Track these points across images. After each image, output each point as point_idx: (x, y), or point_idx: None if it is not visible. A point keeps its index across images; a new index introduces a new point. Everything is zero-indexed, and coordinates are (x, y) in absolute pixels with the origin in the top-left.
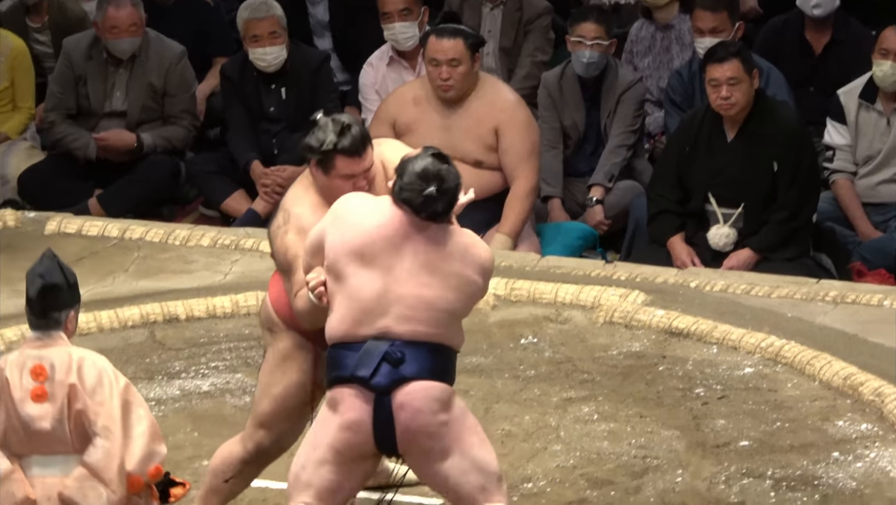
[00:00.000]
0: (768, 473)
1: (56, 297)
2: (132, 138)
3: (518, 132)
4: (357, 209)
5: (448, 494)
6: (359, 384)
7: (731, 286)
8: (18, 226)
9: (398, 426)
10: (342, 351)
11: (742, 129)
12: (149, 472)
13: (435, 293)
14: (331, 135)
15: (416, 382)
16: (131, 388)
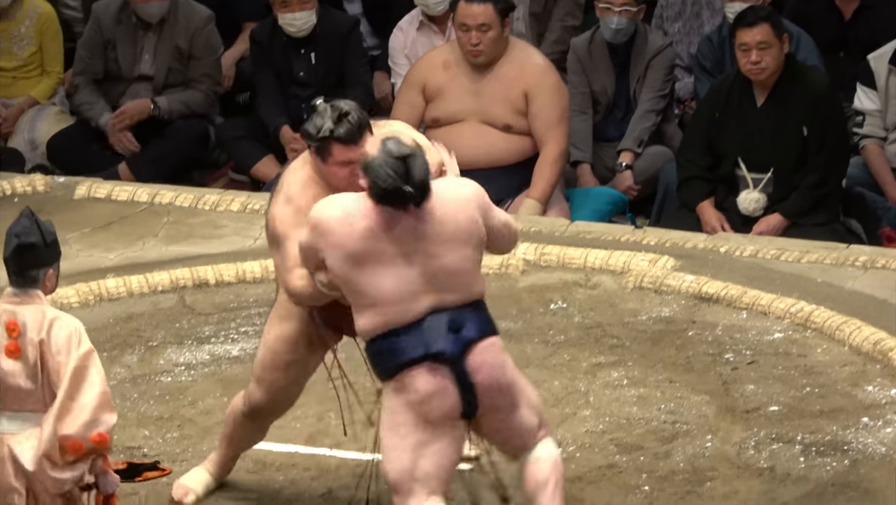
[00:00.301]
0: (798, 438)
1: (32, 256)
2: (147, 105)
3: (548, 97)
4: (339, 218)
5: (509, 442)
6: (430, 361)
7: (761, 251)
8: (48, 191)
9: (479, 389)
10: (393, 339)
11: (772, 93)
12: (91, 438)
13: (452, 258)
14: (328, 122)
15: (481, 343)
16: (93, 356)
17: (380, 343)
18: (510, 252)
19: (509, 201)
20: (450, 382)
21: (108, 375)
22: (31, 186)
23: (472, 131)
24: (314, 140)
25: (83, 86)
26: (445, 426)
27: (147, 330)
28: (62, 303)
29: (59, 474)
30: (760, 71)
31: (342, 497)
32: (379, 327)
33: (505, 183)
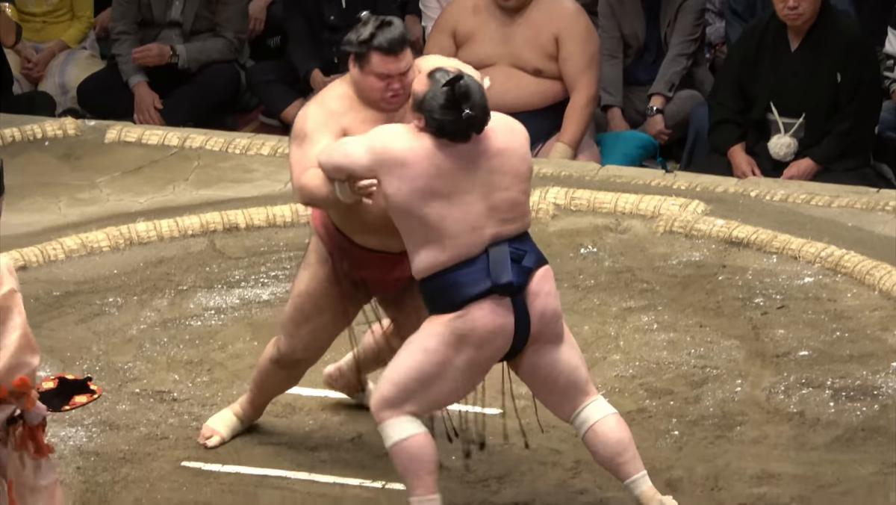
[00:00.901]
0: (827, 382)
1: None
2: (167, 52)
3: (578, 41)
4: (408, 152)
5: (560, 383)
6: (497, 293)
7: (792, 196)
8: (79, 134)
9: (534, 316)
10: (457, 272)
11: (806, 38)
12: (13, 382)
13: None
14: (370, 29)
15: (538, 270)
16: (15, 296)
17: (442, 278)
18: None
19: (540, 145)
20: (511, 319)
21: (138, 319)
22: (61, 130)
23: (502, 76)
24: (354, 46)
25: (123, 37)
26: (480, 369)
27: (177, 274)
28: (92, 246)
29: None
30: (797, 16)
31: (372, 442)
32: (442, 263)
33: (535, 127)
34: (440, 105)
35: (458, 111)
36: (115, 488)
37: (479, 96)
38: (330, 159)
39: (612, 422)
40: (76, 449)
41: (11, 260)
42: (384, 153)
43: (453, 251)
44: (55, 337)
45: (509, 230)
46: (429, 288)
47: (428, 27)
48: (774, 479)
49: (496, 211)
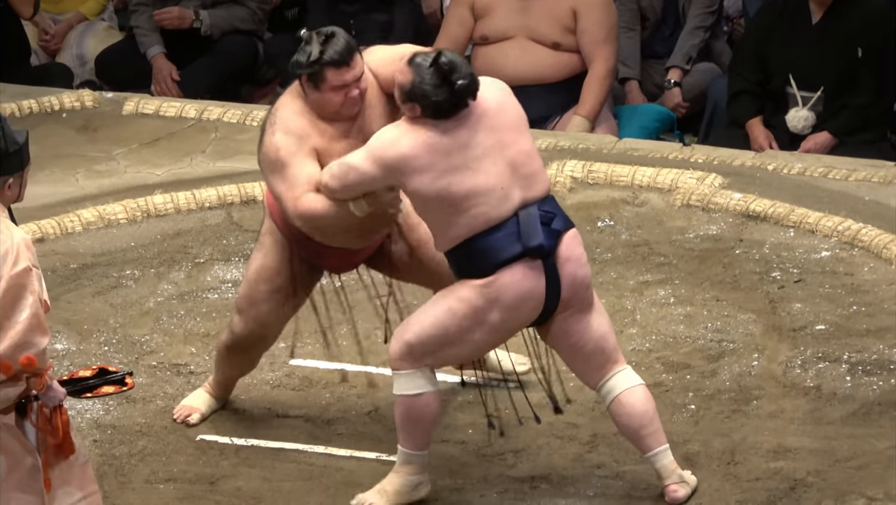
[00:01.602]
0: (844, 357)
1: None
2: (190, 15)
3: (596, 13)
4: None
5: (588, 350)
6: (528, 256)
7: (809, 169)
8: (96, 106)
9: (565, 280)
10: (487, 238)
11: (828, 11)
12: (20, 360)
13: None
14: (316, 47)
15: (567, 234)
16: (30, 274)
17: (472, 245)
18: None
19: (557, 118)
20: (542, 283)
21: (155, 291)
22: (79, 102)
23: (519, 48)
24: (305, 68)
25: (142, 8)
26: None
27: (194, 246)
28: (109, 219)
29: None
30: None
31: (388, 415)
32: (475, 230)
33: (553, 100)
34: (433, 85)
35: (450, 84)
36: (132, 461)
37: (463, 65)
38: (343, 182)
39: (638, 393)
40: (93, 422)
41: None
42: (392, 159)
43: (485, 217)
44: (72, 309)
45: (535, 193)
46: (458, 256)
47: (446, 1)
48: (791, 453)
49: (517, 167)
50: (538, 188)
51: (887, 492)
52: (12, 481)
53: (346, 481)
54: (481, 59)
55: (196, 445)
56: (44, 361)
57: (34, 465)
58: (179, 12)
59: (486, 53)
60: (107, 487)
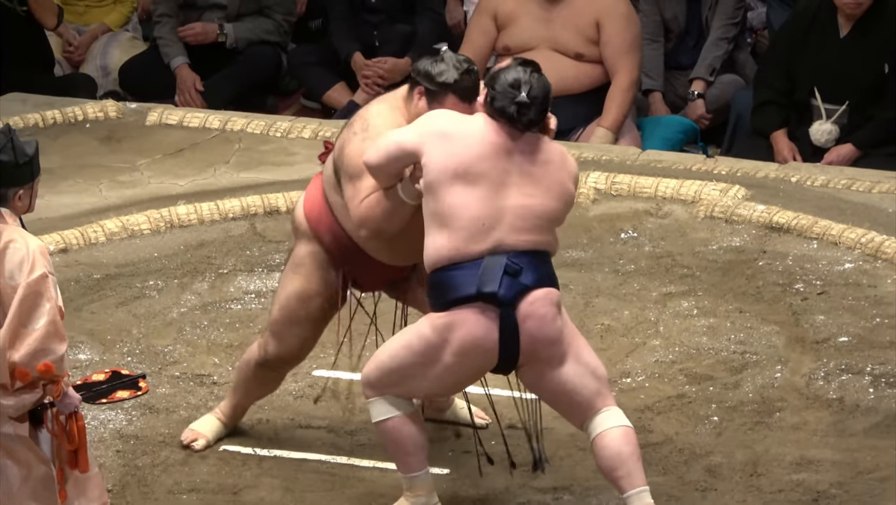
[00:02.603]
0: (867, 369)
1: (1, 173)
2: (214, 29)
3: (619, 25)
4: (455, 127)
5: (564, 401)
6: (483, 301)
7: (832, 181)
8: (120, 116)
9: (524, 336)
10: (452, 272)
11: (856, 26)
12: (38, 367)
13: (539, 202)
14: (453, 71)
15: (536, 291)
16: (46, 282)
17: (440, 275)
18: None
19: (580, 130)
20: (494, 332)
21: (178, 302)
22: (102, 112)
23: (543, 59)
24: (434, 84)
25: (165, 20)
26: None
27: (218, 257)
28: (133, 229)
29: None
30: (857, 6)
31: None
32: (444, 255)
33: (576, 111)
34: (507, 80)
35: (517, 91)
36: (155, 472)
37: (541, 91)
38: (382, 152)
39: (612, 435)
40: (116, 432)
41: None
42: (430, 127)
43: (456, 243)
44: (96, 320)
45: (517, 242)
46: (430, 283)
47: (469, 10)
48: (813, 465)
49: (510, 215)
50: (522, 239)
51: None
52: (26, 491)
53: (368, 492)
54: None
55: (219, 455)
56: (61, 367)
57: (48, 474)
58: (203, 28)
59: None
60: (129, 497)
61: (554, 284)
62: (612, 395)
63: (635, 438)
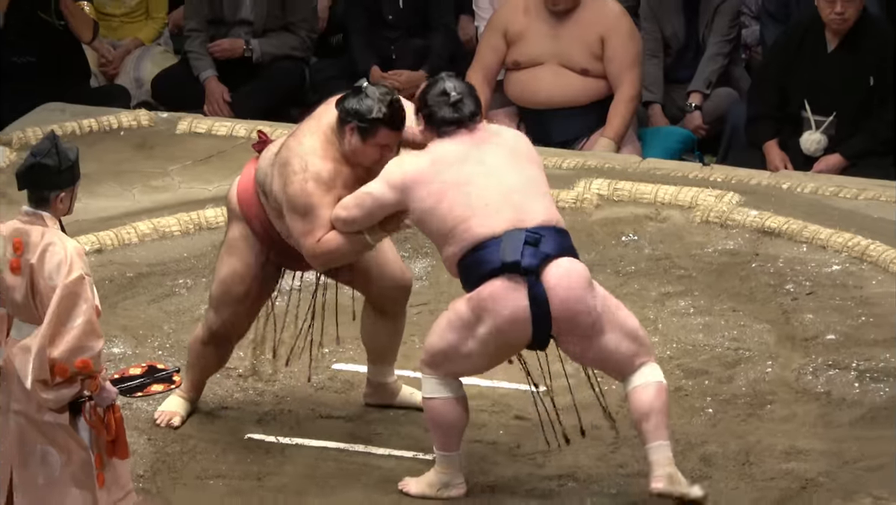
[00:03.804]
0: (853, 365)
1: (43, 177)
2: (241, 45)
3: (622, 41)
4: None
5: (606, 365)
6: (509, 272)
7: (821, 188)
8: (152, 125)
9: (553, 302)
10: (476, 253)
11: (843, 41)
12: (76, 363)
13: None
14: (380, 105)
15: (560, 259)
16: (83, 283)
17: (466, 259)
18: None
19: (585, 139)
20: (523, 301)
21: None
22: (135, 121)
23: (550, 74)
24: (365, 121)
25: (195, 34)
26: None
27: None
28: (164, 231)
29: (50, 394)
30: (843, 21)
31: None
32: (466, 246)
33: (581, 122)
34: (435, 92)
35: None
36: (184, 459)
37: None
38: (361, 211)
39: (647, 390)
40: (148, 421)
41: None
42: (400, 178)
43: (473, 234)
44: (128, 316)
45: (528, 219)
46: (460, 271)
47: (480, 27)
48: (802, 455)
49: (511, 193)
50: (533, 216)
51: (893, 492)
52: (66, 476)
53: (384, 478)
54: (514, 83)
55: (244, 443)
56: (98, 363)
57: (87, 460)
58: (230, 44)
59: (518, 78)
60: (160, 482)
61: (575, 253)
62: (650, 350)
63: (666, 395)
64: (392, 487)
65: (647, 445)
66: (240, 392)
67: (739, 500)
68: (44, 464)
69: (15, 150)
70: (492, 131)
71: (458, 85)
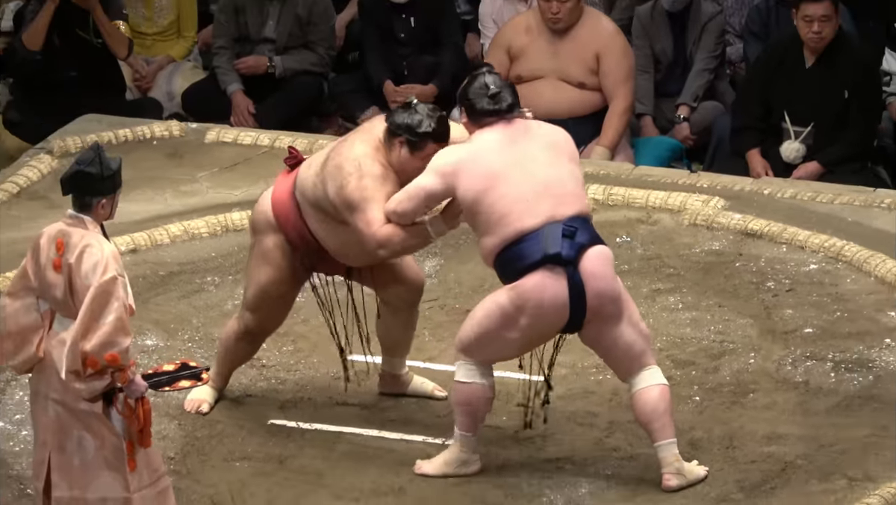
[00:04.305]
0: (829, 356)
1: (86, 184)
2: (265, 62)
3: (616, 57)
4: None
5: (616, 355)
6: (549, 263)
7: (799, 194)
8: (182, 135)
9: (589, 291)
10: (516, 247)
11: (820, 58)
12: (105, 357)
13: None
14: (430, 121)
15: (593, 248)
16: (117, 283)
17: (506, 253)
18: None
19: (581, 148)
20: (563, 290)
21: (232, 295)
22: (167, 131)
23: (550, 87)
24: (415, 135)
25: (222, 51)
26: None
27: None
28: (193, 233)
29: (82, 385)
30: (820, 40)
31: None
32: (506, 239)
33: (578, 132)
34: (473, 86)
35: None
36: (212, 442)
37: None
38: (412, 203)
39: (653, 392)
40: (178, 408)
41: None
42: (446, 166)
43: (513, 227)
44: (161, 311)
45: (564, 212)
46: (498, 263)
47: (486, 44)
48: (782, 439)
49: (549, 185)
50: (567, 208)
51: (865, 473)
52: (99, 459)
53: (396, 461)
54: None
55: (267, 428)
56: (126, 358)
57: (118, 446)
58: (255, 61)
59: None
60: (189, 464)
61: (602, 241)
62: (653, 354)
63: (669, 396)
64: (403, 468)
65: (655, 443)
66: (263, 381)
67: (724, 480)
68: (79, 448)
69: (56, 158)
70: (531, 124)
71: (497, 79)
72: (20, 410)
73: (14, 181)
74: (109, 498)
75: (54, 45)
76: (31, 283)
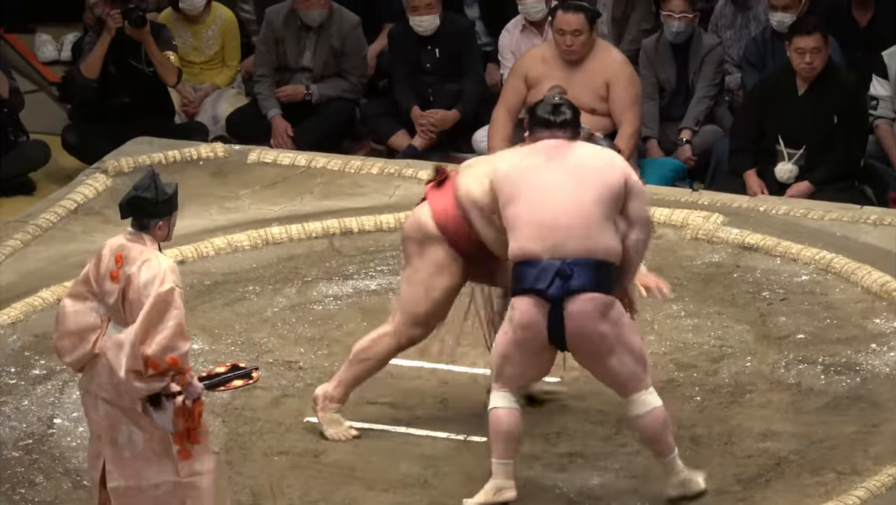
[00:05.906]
0: (819, 360)
1: (142, 207)
2: (302, 90)
3: (624, 85)
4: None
5: (606, 381)
6: (536, 295)
7: (792, 210)
8: (226, 156)
9: (568, 330)
10: (523, 268)
11: (811, 87)
12: (166, 360)
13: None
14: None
15: (581, 295)
16: (174, 293)
17: (514, 269)
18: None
19: None
20: (543, 318)
21: (272, 303)
22: (213, 153)
23: None
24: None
25: (263, 79)
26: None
27: (303, 268)
28: (236, 246)
29: (142, 384)
30: (811, 69)
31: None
32: (514, 255)
33: None
34: (543, 101)
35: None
36: (253, 438)
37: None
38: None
39: (649, 418)
40: (223, 406)
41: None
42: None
43: (522, 249)
44: (206, 318)
45: (570, 248)
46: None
47: (504, 73)
48: (776, 436)
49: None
50: (573, 246)
51: (853, 467)
52: (148, 449)
53: (422, 455)
54: None
55: (304, 425)
56: (186, 361)
57: (166, 437)
58: (293, 89)
59: None
60: (232, 458)
61: (602, 289)
62: (647, 376)
63: (665, 414)
64: (428, 461)
65: (659, 460)
66: (300, 382)
67: (723, 474)
68: (130, 442)
69: (110, 177)
70: (572, 147)
71: (565, 99)
72: (77, 409)
73: (72, 198)
74: (161, 483)
75: (110, 73)
76: (93, 287)
